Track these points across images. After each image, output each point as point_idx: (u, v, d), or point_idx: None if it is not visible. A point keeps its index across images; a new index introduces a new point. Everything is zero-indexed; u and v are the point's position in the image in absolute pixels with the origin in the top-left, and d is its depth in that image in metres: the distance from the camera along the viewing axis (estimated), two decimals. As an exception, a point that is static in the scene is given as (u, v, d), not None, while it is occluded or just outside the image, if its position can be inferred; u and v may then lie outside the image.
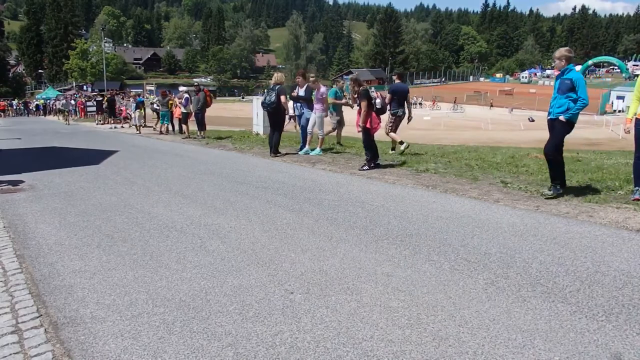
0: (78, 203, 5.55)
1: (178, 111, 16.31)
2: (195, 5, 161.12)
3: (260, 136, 14.01)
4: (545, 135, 5.48)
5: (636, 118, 5.13)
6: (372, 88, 7.79)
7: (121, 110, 25.42)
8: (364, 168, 7.61)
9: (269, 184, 6.59)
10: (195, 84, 16.68)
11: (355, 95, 7.63)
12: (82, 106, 31.55)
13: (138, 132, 17.86)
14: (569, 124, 5.23)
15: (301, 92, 9.72)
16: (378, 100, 7.51)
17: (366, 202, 5.38)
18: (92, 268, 3.44)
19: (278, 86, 9.46)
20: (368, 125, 7.53)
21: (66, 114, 29.47)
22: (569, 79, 5.16)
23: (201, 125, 14.41)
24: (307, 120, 9.76)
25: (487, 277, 3.17)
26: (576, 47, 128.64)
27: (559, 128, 5.24)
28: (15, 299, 2.95)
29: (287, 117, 10.51)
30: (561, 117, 5.18)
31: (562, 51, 5.27)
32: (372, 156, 7.74)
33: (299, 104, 10.01)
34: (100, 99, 27.60)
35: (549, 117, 5.40)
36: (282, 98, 9.26)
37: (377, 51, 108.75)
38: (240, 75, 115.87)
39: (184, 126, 15.75)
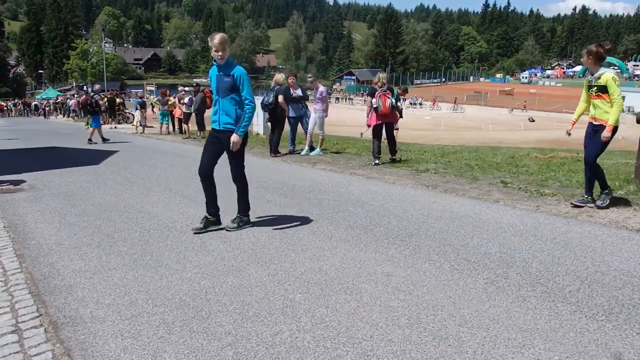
0: (78, 203, 5.55)
1: (179, 111, 16.31)
2: (196, 6, 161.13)
3: (260, 136, 14.02)
4: (545, 135, 5.47)
5: (589, 122, 4.91)
6: (386, 89, 8.02)
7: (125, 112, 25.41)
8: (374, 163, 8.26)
9: (269, 184, 6.59)
10: (195, 84, 16.68)
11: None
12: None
13: (138, 132, 17.84)
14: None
15: (299, 92, 9.71)
16: (374, 100, 7.95)
17: (366, 202, 5.38)
18: (92, 268, 3.44)
19: (277, 87, 9.47)
20: (369, 121, 8.24)
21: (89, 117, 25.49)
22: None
23: (201, 125, 14.43)
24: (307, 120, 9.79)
25: (487, 276, 3.17)
26: (576, 47, 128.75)
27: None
28: (15, 299, 2.95)
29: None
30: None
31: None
32: (373, 152, 8.30)
33: (298, 105, 9.96)
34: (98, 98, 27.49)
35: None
36: (280, 98, 9.28)
37: (377, 51, 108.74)
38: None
39: (184, 126, 15.76)
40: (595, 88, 4.74)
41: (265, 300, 2.87)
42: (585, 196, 4.99)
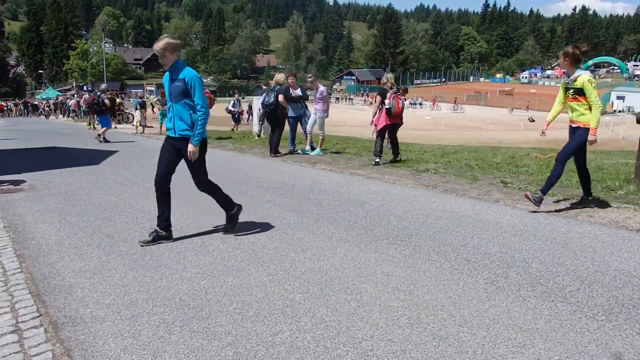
0: (78, 203, 5.55)
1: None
2: (196, 6, 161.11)
3: (259, 136, 14.02)
4: (545, 135, 5.46)
5: (569, 125, 4.84)
6: (396, 90, 8.15)
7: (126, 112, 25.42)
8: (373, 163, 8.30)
9: (269, 184, 6.59)
10: None
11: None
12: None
13: (138, 132, 17.84)
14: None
15: (298, 92, 9.71)
16: (386, 101, 7.95)
17: (366, 202, 5.38)
18: (92, 268, 3.44)
19: (278, 87, 9.48)
20: (375, 121, 8.27)
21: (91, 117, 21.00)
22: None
23: None
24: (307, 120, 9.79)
25: (487, 276, 3.17)
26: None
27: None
28: (15, 299, 2.95)
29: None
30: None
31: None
32: (375, 151, 8.31)
33: (297, 105, 9.96)
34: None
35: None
36: (281, 98, 9.28)
37: (377, 51, 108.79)
38: (241, 75, 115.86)
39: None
40: (572, 90, 4.69)
41: (265, 300, 2.87)
42: (585, 197, 5.01)
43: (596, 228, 4.24)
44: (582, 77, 4.59)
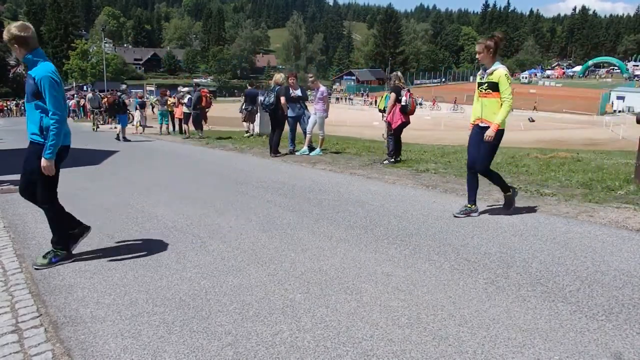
0: (78, 203, 5.54)
1: (179, 111, 16.34)
2: (196, 6, 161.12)
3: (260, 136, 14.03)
4: (545, 135, 5.46)
5: (475, 123, 4.58)
6: (407, 90, 8.24)
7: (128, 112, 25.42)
8: (384, 162, 8.27)
9: (269, 184, 6.59)
10: (194, 84, 16.76)
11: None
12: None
13: (138, 132, 17.84)
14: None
15: (298, 92, 9.71)
16: (403, 99, 7.98)
17: (366, 202, 5.38)
18: (92, 268, 3.44)
19: (277, 87, 9.47)
20: (389, 119, 8.17)
21: (97, 114, 21.90)
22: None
23: (197, 124, 14.54)
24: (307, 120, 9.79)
25: (487, 276, 3.17)
26: (576, 47, 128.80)
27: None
28: (15, 299, 2.95)
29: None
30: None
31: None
32: (391, 150, 8.28)
33: (297, 105, 9.96)
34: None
35: None
36: (282, 100, 9.29)
37: (377, 52, 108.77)
38: (241, 75, 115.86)
39: (184, 126, 15.78)
40: (486, 85, 4.38)
41: (265, 300, 2.87)
42: (469, 205, 4.66)
43: (596, 228, 4.24)
44: (500, 70, 4.31)
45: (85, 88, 62.77)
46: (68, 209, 5.14)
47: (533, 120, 39.51)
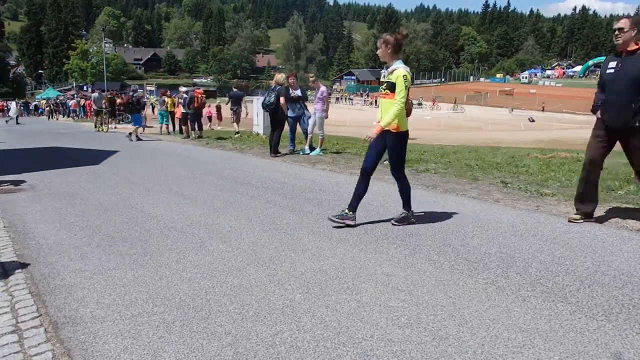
0: (78, 203, 5.55)
1: (179, 111, 16.37)
2: (196, 6, 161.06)
3: (261, 136, 14.03)
4: (545, 135, 5.46)
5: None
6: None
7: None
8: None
9: (269, 184, 6.59)
10: (193, 84, 16.90)
11: None
12: (90, 106, 31.39)
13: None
14: None
15: (298, 92, 9.72)
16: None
17: (366, 202, 5.37)
18: (92, 268, 3.44)
19: (278, 87, 9.48)
20: None
21: (103, 115, 20.70)
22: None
23: (193, 124, 14.60)
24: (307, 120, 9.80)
25: (487, 276, 3.17)
26: (576, 47, 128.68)
27: None
28: (15, 299, 2.95)
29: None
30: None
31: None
32: None
33: (296, 105, 9.96)
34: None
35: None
36: (282, 100, 9.30)
37: (377, 52, 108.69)
38: (241, 75, 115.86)
39: (184, 126, 15.80)
40: (385, 85, 4.18)
41: (265, 300, 2.87)
42: (347, 211, 4.31)
43: (596, 228, 4.24)
44: (399, 70, 4.11)
45: (85, 88, 62.79)
46: (68, 209, 5.14)
47: (533, 120, 39.52)
